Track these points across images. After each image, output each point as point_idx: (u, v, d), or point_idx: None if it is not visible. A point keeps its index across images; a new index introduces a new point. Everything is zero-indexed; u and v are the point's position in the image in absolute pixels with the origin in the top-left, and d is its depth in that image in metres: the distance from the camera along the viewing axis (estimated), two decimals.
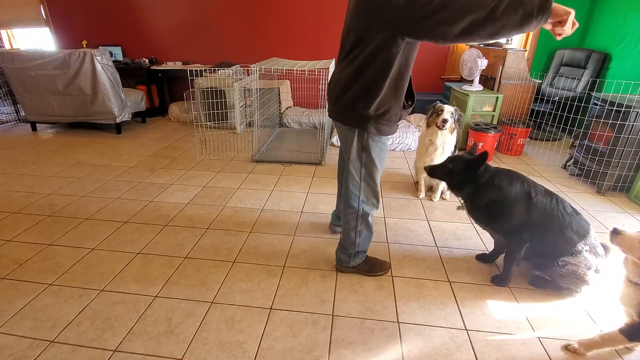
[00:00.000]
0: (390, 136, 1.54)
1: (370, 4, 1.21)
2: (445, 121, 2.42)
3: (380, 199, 1.71)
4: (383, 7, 1.17)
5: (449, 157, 1.82)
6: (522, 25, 1.04)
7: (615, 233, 1.27)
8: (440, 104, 2.51)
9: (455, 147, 2.62)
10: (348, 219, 1.70)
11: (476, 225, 2.32)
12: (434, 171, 1.84)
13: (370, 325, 1.54)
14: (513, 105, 3.77)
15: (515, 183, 1.65)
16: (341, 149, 1.65)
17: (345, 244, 1.77)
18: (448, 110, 2.45)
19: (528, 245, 1.66)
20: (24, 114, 4.35)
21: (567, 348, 1.43)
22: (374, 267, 1.83)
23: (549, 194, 1.65)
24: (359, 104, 1.38)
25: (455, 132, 2.54)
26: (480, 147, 3.40)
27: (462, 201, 1.80)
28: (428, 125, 2.55)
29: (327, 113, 1.60)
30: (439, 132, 2.48)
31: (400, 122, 1.53)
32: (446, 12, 1.05)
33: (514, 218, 1.64)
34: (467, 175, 1.70)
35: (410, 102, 1.49)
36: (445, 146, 2.52)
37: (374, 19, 1.21)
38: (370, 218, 1.70)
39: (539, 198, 1.62)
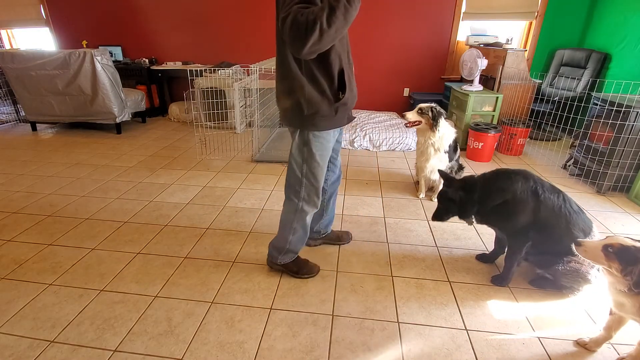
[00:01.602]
0: (331, 131, 1.55)
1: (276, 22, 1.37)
2: (404, 117, 2.51)
3: (321, 199, 1.69)
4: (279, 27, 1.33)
5: (439, 197, 1.82)
6: (348, 19, 1.18)
7: (577, 244, 1.24)
8: (420, 105, 2.52)
9: (455, 143, 2.61)
10: (286, 216, 1.71)
11: (477, 225, 2.32)
12: (441, 216, 1.82)
13: (370, 325, 1.54)
14: (513, 105, 3.77)
15: (516, 180, 1.64)
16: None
17: (278, 239, 1.78)
18: (417, 108, 2.49)
19: (530, 244, 1.66)
20: (24, 114, 4.35)
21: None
22: (301, 269, 1.83)
23: (556, 190, 1.64)
24: (292, 107, 1.48)
25: (446, 130, 2.51)
26: (480, 147, 3.41)
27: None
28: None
29: None
30: (428, 131, 2.49)
31: (344, 114, 1.54)
32: (294, 39, 1.18)
33: (523, 216, 1.63)
34: (460, 200, 1.72)
35: (342, 94, 1.49)
36: (437, 145, 2.50)
37: (280, 40, 1.41)
38: (308, 218, 1.70)
39: (546, 195, 1.61)
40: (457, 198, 1.73)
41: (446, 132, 2.51)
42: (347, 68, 1.47)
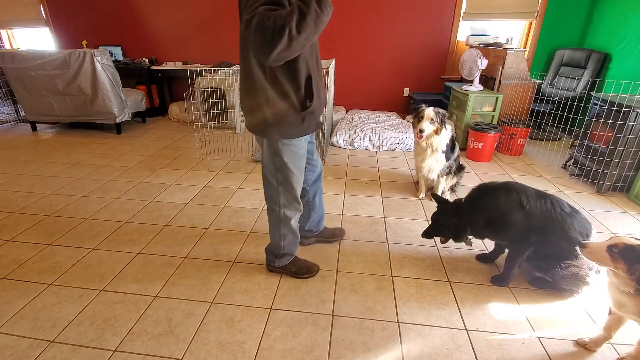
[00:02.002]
0: (302, 138, 1.50)
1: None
2: (422, 131, 2.40)
3: (301, 202, 1.67)
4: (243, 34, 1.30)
5: (433, 219, 1.84)
6: (319, 26, 1.12)
7: (581, 246, 1.23)
8: (423, 108, 2.42)
9: (452, 142, 2.58)
10: (272, 224, 1.71)
11: None
12: (432, 236, 1.87)
13: (370, 325, 1.54)
14: (513, 105, 3.77)
15: (497, 196, 1.66)
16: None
17: (272, 245, 1.78)
18: (427, 117, 2.38)
19: (532, 249, 1.66)
20: (24, 114, 4.35)
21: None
22: (300, 269, 1.83)
23: (541, 196, 1.63)
24: (256, 115, 1.43)
25: (446, 130, 2.49)
26: (480, 147, 3.41)
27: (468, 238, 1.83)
28: (413, 127, 2.52)
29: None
30: (430, 134, 2.46)
31: (311, 122, 1.49)
32: (260, 45, 1.10)
33: (515, 227, 1.63)
34: (455, 225, 1.75)
35: (309, 102, 1.42)
36: (435, 145, 2.47)
37: (243, 44, 1.35)
38: (293, 222, 1.69)
39: (531, 204, 1.61)
40: (451, 224, 1.76)
41: (440, 110, 2.47)
42: (315, 74, 1.40)
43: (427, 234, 1.85)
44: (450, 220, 1.76)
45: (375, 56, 4.74)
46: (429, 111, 2.40)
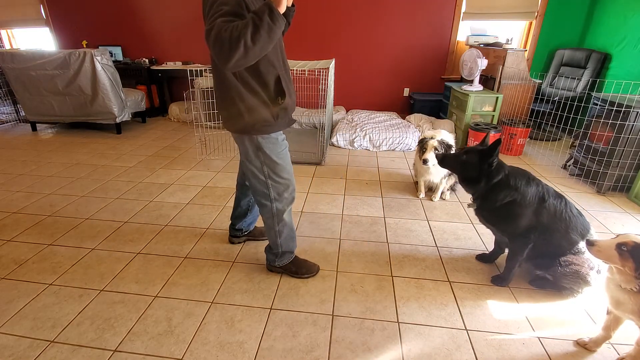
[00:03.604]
0: (281, 132, 1.57)
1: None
2: (426, 161, 2.40)
3: (294, 193, 1.68)
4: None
5: (464, 148, 1.74)
6: (272, 37, 1.19)
7: (589, 244, 1.23)
8: (427, 140, 2.43)
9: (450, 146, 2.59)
10: (265, 221, 1.72)
11: (477, 225, 2.32)
12: (445, 161, 1.78)
13: (370, 325, 1.54)
14: (513, 105, 3.77)
15: (532, 185, 1.64)
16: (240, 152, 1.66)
17: (270, 244, 1.79)
18: (431, 147, 2.39)
19: (531, 246, 1.67)
20: (24, 114, 4.35)
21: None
22: (300, 269, 1.83)
23: (559, 196, 1.66)
24: (232, 114, 1.49)
25: (445, 137, 2.50)
26: None
27: (472, 199, 1.78)
28: (418, 157, 2.53)
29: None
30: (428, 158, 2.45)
31: (285, 119, 1.54)
32: (218, 54, 1.18)
33: (525, 220, 1.63)
34: (481, 168, 1.64)
35: (282, 100, 1.49)
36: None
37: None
38: (286, 215, 1.69)
39: (551, 201, 1.62)
40: (472, 164, 1.65)
41: (445, 138, 2.51)
42: (283, 74, 1.47)
43: (443, 156, 1.77)
44: (472, 157, 1.65)
45: (375, 56, 4.74)
46: (433, 142, 2.41)
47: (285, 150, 1.61)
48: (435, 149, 2.40)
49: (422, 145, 2.48)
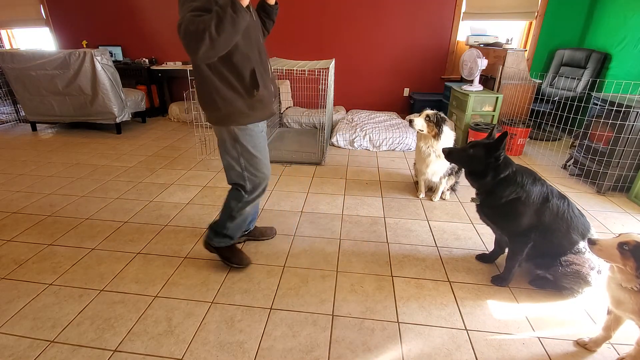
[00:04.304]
0: (259, 123, 1.63)
1: None
2: (411, 122, 2.44)
3: (266, 186, 1.75)
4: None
5: (470, 142, 1.73)
6: (237, 28, 1.26)
7: (591, 243, 1.23)
8: (425, 111, 2.48)
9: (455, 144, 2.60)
10: (228, 202, 1.75)
11: (477, 225, 2.32)
12: (452, 154, 1.77)
13: (370, 325, 1.54)
14: (513, 105, 3.77)
15: (537, 184, 1.64)
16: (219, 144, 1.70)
17: (218, 223, 1.81)
18: (424, 114, 2.44)
19: (531, 245, 1.66)
20: (24, 114, 4.35)
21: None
22: (233, 257, 1.86)
23: (562, 197, 1.66)
24: (208, 105, 1.56)
25: (447, 136, 2.50)
26: None
27: (477, 194, 1.77)
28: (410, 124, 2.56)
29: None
30: (430, 139, 2.47)
31: (262, 111, 1.59)
32: (187, 47, 1.26)
33: (527, 219, 1.63)
34: (487, 162, 1.63)
35: (256, 92, 1.53)
36: (438, 152, 2.45)
37: None
38: (249, 208, 1.75)
39: (554, 201, 1.62)
40: (477, 158, 1.63)
41: (446, 135, 2.51)
42: (258, 66, 1.51)
43: (449, 150, 1.77)
44: (478, 151, 1.64)
45: (375, 56, 4.74)
46: (428, 110, 2.46)
47: (264, 143, 1.66)
48: (428, 116, 2.43)
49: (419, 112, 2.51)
